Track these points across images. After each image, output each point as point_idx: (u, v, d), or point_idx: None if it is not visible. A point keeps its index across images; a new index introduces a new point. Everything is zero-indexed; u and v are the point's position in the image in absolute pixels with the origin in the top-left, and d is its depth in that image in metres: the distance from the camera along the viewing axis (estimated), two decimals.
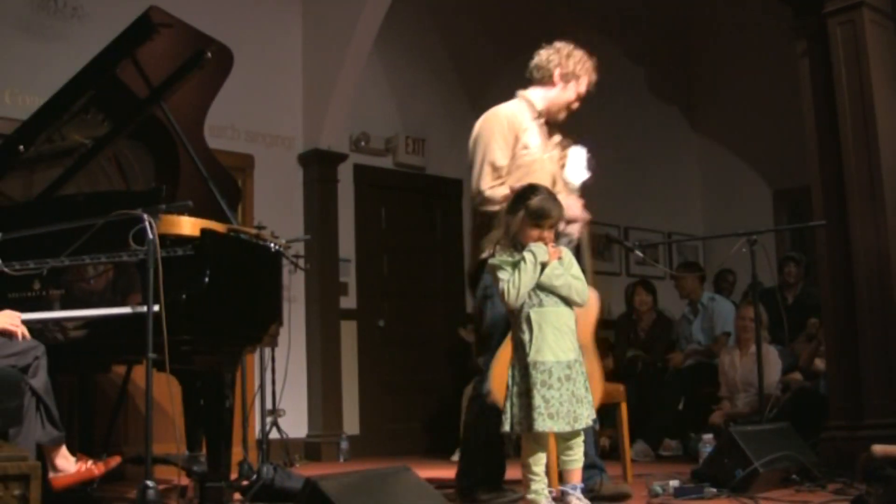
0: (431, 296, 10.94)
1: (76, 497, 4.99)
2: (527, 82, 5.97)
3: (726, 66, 13.03)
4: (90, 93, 5.62)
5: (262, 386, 8.16)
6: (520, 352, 4.78)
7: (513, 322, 4.89)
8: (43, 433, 4.68)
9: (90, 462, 4.97)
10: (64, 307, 5.01)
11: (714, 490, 5.52)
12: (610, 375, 7.07)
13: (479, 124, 5.89)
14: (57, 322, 4.83)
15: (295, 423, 9.37)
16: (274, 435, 8.48)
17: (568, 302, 4.83)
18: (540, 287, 4.77)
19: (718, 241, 11.23)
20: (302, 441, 9.67)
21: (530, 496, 4.78)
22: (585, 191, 5.57)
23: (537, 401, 4.62)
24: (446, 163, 11.12)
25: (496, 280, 4.84)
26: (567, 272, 4.83)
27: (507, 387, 4.80)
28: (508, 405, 4.77)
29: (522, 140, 5.72)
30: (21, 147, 5.52)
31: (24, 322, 4.71)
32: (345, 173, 10.39)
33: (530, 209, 4.80)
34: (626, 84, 12.84)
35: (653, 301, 10.27)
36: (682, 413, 9.32)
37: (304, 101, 10.28)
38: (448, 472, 6.53)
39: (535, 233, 4.80)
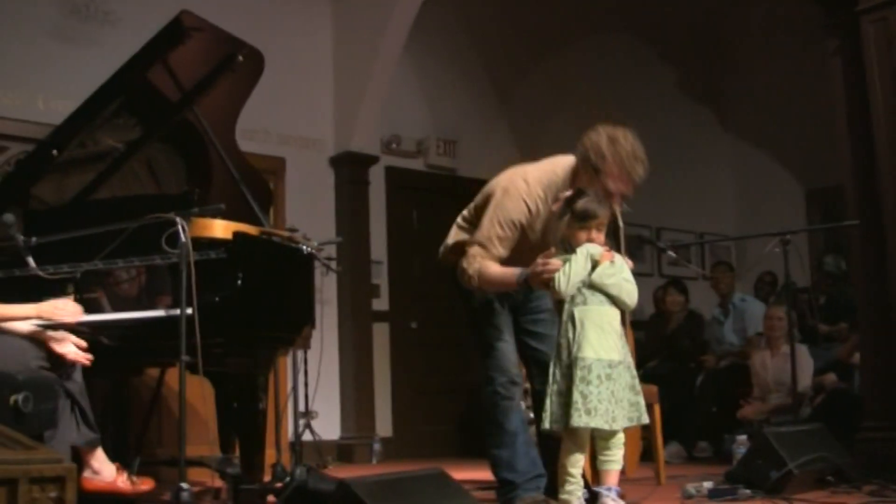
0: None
1: (108, 500, 5.01)
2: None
3: (758, 66, 12.96)
4: (122, 97, 5.65)
5: (294, 388, 8.17)
6: (562, 351, 4.79)
7: (559, 324, 4.90)
8: (78, 435, 4.71)
9: (125, 475, 4.99)
10: (97, 310, 5.03)
11: (748, 492, 5.47)
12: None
13: (505, 186, 5.38)
14: (91, 325, 4.84)
15: (328, 426, 9.38)
16: (307, 437, 8.50)
17: (616, 303, 4.82)
18: (590, 286, 4.78)
19: (751, 241, 11.19)
20: (335, 443, 9.68)
21: (563, 496, 4.77)
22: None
23: (575, 396, 4.62)
24: (478, 164, 11.09)
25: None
26: (619, 274, 4.83)
27: (548, 384, 4.81)
28: (548, 403, 4.77)
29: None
30: (54, 152, 5.56)
31: (58, 325, 4.72)
32: (376, 175, 10.40)
33: (576, 212, 4.80)
34: (658, 84, 12.82)
35: (685, 301, 10.24)
36: (715, 414, 9.29)
37: (335, 104, 10.29)
38: (482, 474, 6.52)
39: (583, 235, 4.79)
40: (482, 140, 11.20)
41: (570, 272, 4.72)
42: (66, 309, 4.67)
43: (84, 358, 4.65)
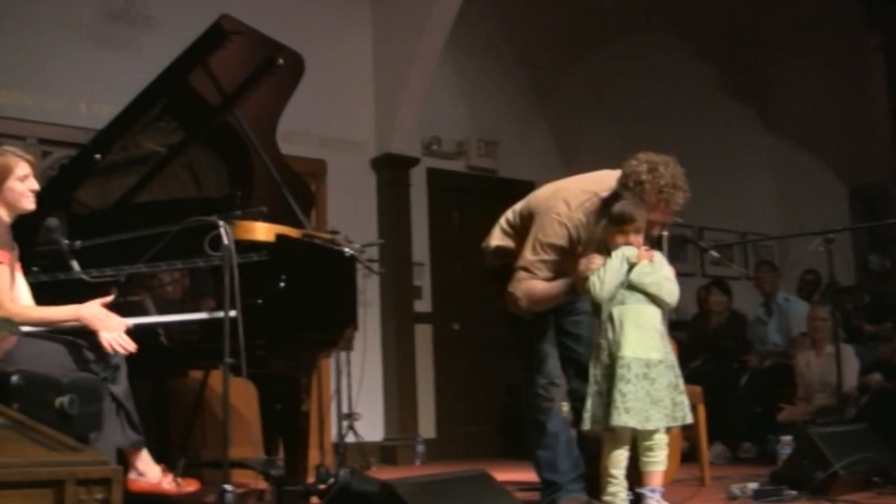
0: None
1: (153, 500, 5.03)
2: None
3: (799, 64, 12.88)
4: (164, 101, 5.68)
5: (338, 390, 8.19)
6: (602, 351, 4.79)
7: (596, 323, 4.92)
8: (123, 437, 4.73)
9: (170, 476, 5.01)
10: (141, 313, 5.05)
11: (793, 493, 5.44)
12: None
13: (546, 208, 5.28)
14: (135, 328, 4.87)
15: (371, 427, 9.39)
16: (350, 439, 8.51)
17: (656, 302, 4.81)
18: (629, 286, 4.79)
19: (794, 240, 11.12)
20: (378, 445, 9.69)
21: (607, 498, 4.76)
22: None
23: (615, 396, 4.63)
24: (518, 165, 11.10)
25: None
26: (658, 272, 4.81)
27: (589, 385, 4.82)
28: (589, 403, 4.79)
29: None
30: (97, 156, 5.59)
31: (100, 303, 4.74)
32: (417, 177, 10.41)
33: (613, 215, 4.81)
34: (698, 84, 12.78)
35: (728, 301, 10.20)
36: (759, 415, 9.24)
37: (375, 106, 10.30)
38: (525, 475, 6.51)
39: (620, 238, 4.80)
40: (522, 140, 11.20)
41: (604, 275, 4.74)
42: (109, 321, 4.68)
43: (125, 346, 4.67)
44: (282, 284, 4.95)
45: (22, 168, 4.75)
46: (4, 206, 4.71)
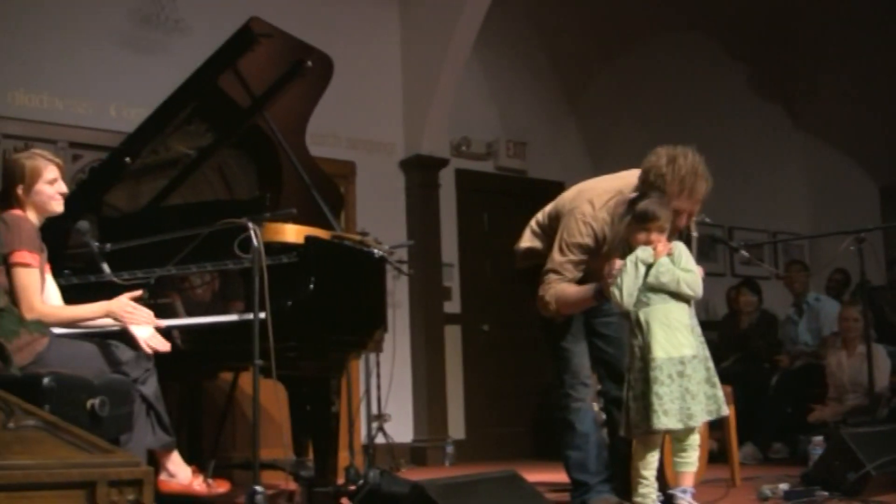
0: (534, 299, 10.86)
1: (183, 502, 5.05)
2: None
3: (829, 62, 12.82)
4: (193, 104, 5.69)
5: (367, 391, 8.21)
6: (634, 356, 4.77)
7: (628, 328, 4.90)
8: (154, 439, 4.75)
9: (201, 478, 5.03)
10: (171, 315, 5.07)
11: (825, 494, 5.40)
12: None
13: (571, 209, 5.32)
14: (165, 330, 4.89)
15: (400, 428, 9.40)
16: (380, 440, 8.53)
17: (680, 297, 4.78)
18: (650, 288, 4.76)
19: (825, 239, 11.06)
20: (408, 446, 9.70)
21: (638, 499, 4.75)
22: None
23: (652, 399, 4.60)
24: (548, 166, 11.09)
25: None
26: (676, 266, 4.78)
27: (625, 391, 4.80)
28: (624, 409, 4.77)
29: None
30: (127, 159, 5.61)
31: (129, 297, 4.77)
32: (446, 178, 10.41)
33: (636, 213, 4.78)
34: (728, 82, 12.74)
35: (758, 301, 10.16)
36: (790, 415, 9.20)
37: (404, 107, 10.31)
38: (555, 476, 6.51)
39: (642, 236, 4.77)
40: (552, 141, 11.19)
41: (622, 285, 4.73)
42: (139, 314, 4.71)
43: (160, 345, 4.70)
44: (311, 286, 4.96)
45: (50, 171, 4.78)
46: (33, 209, 4.74)
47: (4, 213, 4.59)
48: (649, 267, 4.74)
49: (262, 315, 4.60)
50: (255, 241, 4.63)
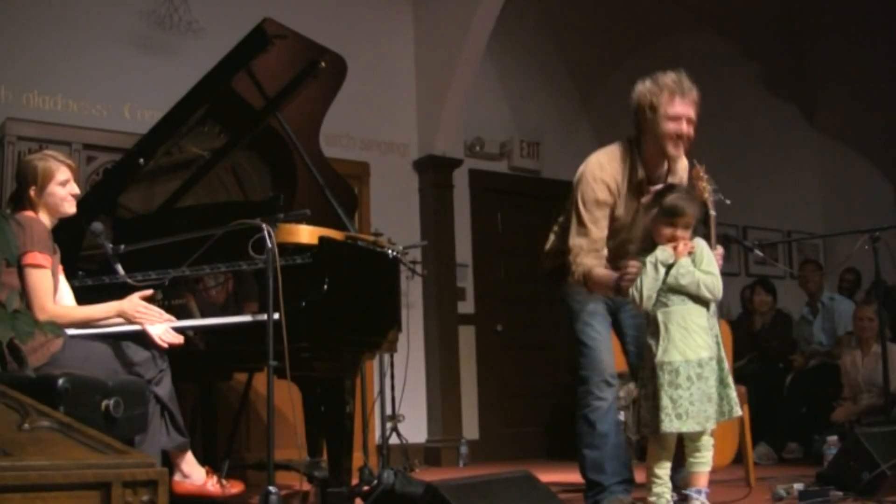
0: (549, 299, 10.87)
1: (197, 502, 5.06)
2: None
3: (844, 61, 12.80)
4: (207, 105, 5.70)
5: (381, 392, 8.20)
6: (648, 354, 4.76)
7: (645, 326, 4.89)
8: (168, 439, 4.76)
9: (215, 478, 5.04)
10: (185, 316, 5.08)
11: (840, 494, 5.38)
12: None
13: (581, 172, 5.59)
14: (179, 331, 4.90)
15: (414, 429, 9.40)
16: (394, 440, 8.52)
17: (699, 299, 4.76)
18: (669, 289, 4.74)
19: (840, 238, 11.03)
20: (422, 446, 9.70)
21: (652, 499, 4.74)
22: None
23: (664, 401, 4.58)
24: (561, 166, 11.06)
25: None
26: (698, 267, 4.76)
27: (637, 390, 4.81)
28: (636, 408, 4.80)
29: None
30: (141, 160, 5.62)
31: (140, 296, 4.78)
32: (460, 179, 10.41)
33: (664, 207, 4.76)
34: (742, 81, 12.72)
35: (772, 301, 10.14)
36: (805, 415, 9.19)
37: (417, 108, 10.32)
38: (569, 476, 6.51)
39: (668, 231, 4.75)
40: (565, 141, 11.18)
41: (641, 287, 4.72)
42: (150, 313, 4.72)
43: (174, 339, 4.71)
44: (325, 287, 4.96)
45: (63, 173, 4.79)
46: (45, 211, 4.76)
47: (17, 215, 4.59)
48: (669, 267, 4.72)
49: (277, 316, 4.60)
50: (268, 242, 4.64)
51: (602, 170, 5.32)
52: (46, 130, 7.58)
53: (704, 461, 4.74)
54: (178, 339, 4.75)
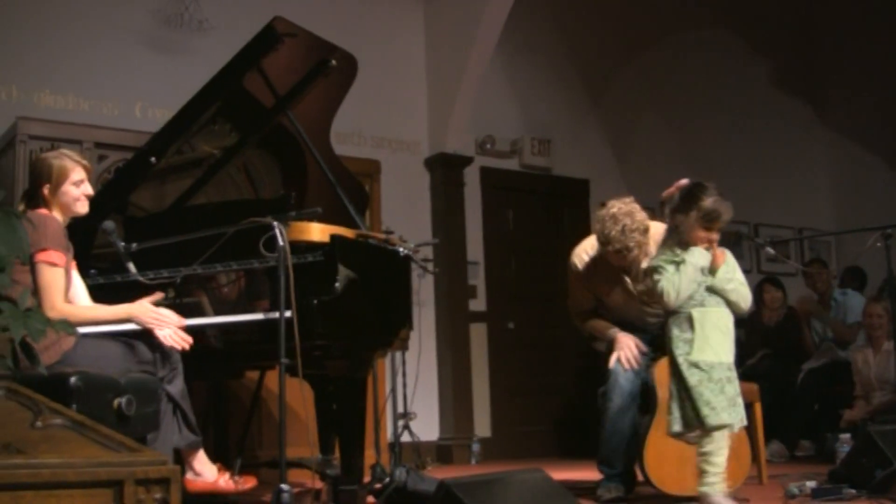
0: (561, 297, 10.85)
1: (211, 500, 5.07)
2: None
3: (855, 58, 12.79)
4: (218, 104, 5.70)
5: (393, 389, 8.21)
6: (680, 351, 4.73)
7: (669, 321, 4.87)
8: (180, 438, 4.76)
9: (227, 475, 5.04)
10: (197, 315, 5.08)
11: (852, 491, 5.36)
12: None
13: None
14: (191, 329, 4.90)
15: (426, 426, 9.40)
16: (406, 438, 8.53)
17: (731, 306, 4.76)
18: (708, 289, 4.74)
19: (851, 235, 11.01)
20: (433, 444, 9.71)
21: (705, 489, 4.72)
22: None
23: (706, 397, 4.59)
24: (572, 163, 11.09)
25: (654, 280, 4.84)
26: (735, 279, 4.77)
27: (670, 388, 4.78)
28: (676, 406, 4.73)
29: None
30: (152, 159, 5.62)
31: (149, 300, 4.78)
32: (471, 176, 10.41)
33: (704, 210, 4.72)
34: (752, 78, 12.71)
35: (783, 298, 10.11)
36: (817, 412, 9.18)
37: (428, 106, 10.33)
38: (581, 474, 6.51)
39: (703, 234, 4.74)
40: (576, 138, 11.18)
41: (679, 285, 4.70)
42: (162, 318, 4.71)
43: (182, 341, 4.71)
44: (337, 285, 4.96)
45: (77, 173, 4.79)
46: (58, 209, 4.76)
47: (30, 213, 4.59)
48: (712, 271, 4.74)
49: (288, 314, 4.60)
50: (280, 240, 4.64)
51: (576, 254, 6.20)
52: (57, 129, 7.58)
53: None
54: (185, 342, 4.74)
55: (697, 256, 4.73)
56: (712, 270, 4.75)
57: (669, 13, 11.94)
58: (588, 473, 5.83)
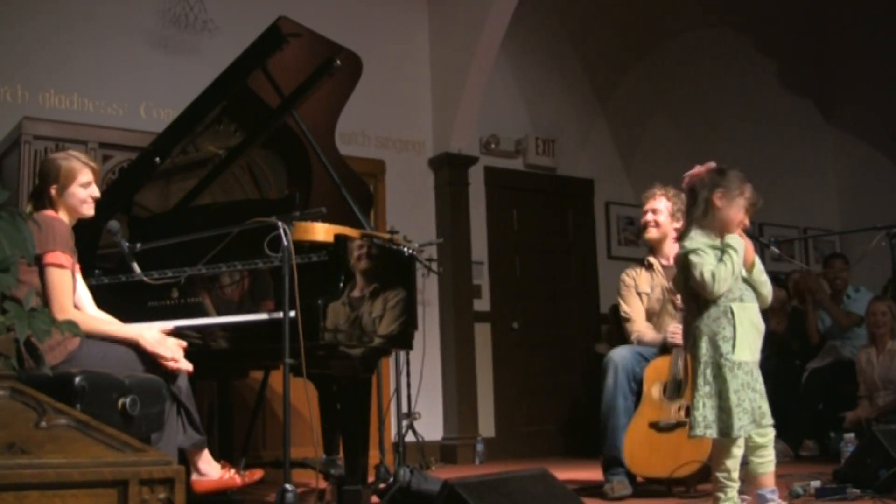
0: (565, 296, 10.89)
1: (217, 500, 5.07)
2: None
3: (861, 57, 12.78)
4: (222, 104, 5.70)
5: (397, 389, 8.20)
6: (715, 349, 4.49)
7: (702, 316, 4.55)
8: (185, 437, 4.77)
9: (233, 471, 5.05)
10: (201, 315, 5.09)
11: (857, 491, 5.37)
12: None
13: None
14: (196, 329, 4.90)
15: (430, 426, 9.40)
16: (410, 438, 8.52)
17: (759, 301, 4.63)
18: (744, 282, 4.55)
19: (856, 235, 10.98)
20: (438, 444, 9.71)
21: (719, 493, 4.52)
22: None
23: (745, 404, 4.43)
24: (577, 163, 11.08)
25: (691, 264, 4.49)
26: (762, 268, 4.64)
27: (696, 387, 4.50)
28: (700, 406, 4.46)
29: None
30: (157, 159, 5.63)
31: (161, 330, 4.78)
32: (475, 176, 10.40)
33: (750, 195, 4.61)
34: (759, 78, 12.71)
35: (787, 297, 10.10)
36: (821, 412, 9.17)
37: (433, 106, 10.32)
38: (586, 474, 6.50)
39: (742, 221, 4.60)
40: (581, 138, 11.18)
41: (726, 273, 4.44)
42: (165, 346, 4.68)
43: (184, 367, 4.70)
44: (341, 285, 4.96)
45: (86, 175, 4.80)
46: (65, 211, 4.76)
47: (37, 214, 4.59)
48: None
49: (293, 314, 4.61)
50: (284, 240, 4.64)
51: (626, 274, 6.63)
52: (62, 129, 7.58)
53: (770, 459, 4.59)
54: (187, 368, 4.72)
55: (739, 243, 4.53)
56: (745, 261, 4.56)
57: (676, 13, 11.93)
58: (593, 473, 5.83)
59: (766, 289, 4.66)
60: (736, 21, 12.51)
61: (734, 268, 4.46)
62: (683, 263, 4.59)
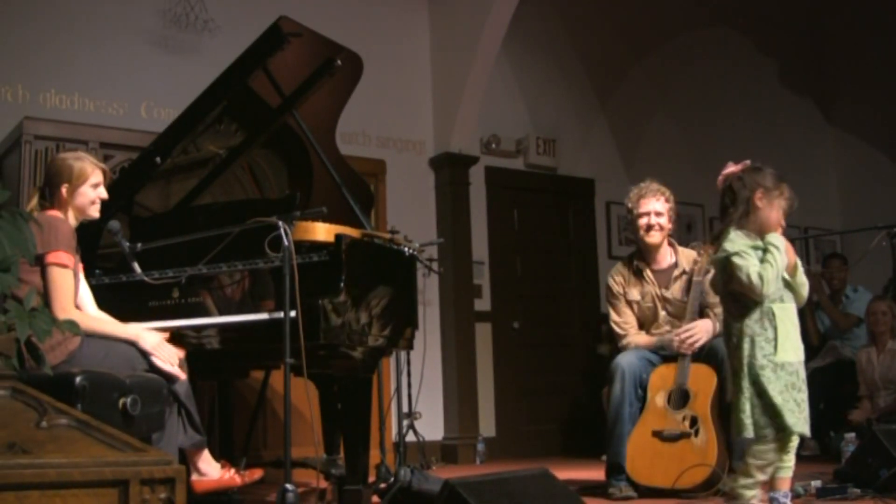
0: (566, 296, 10.89)
1: (217, 500, 5.07)
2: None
3: (861, 57, 12.77)
4: (223, 104, 5.70)
5: (398, 389, 8.20)
6: (757, 350, 4.42)
7: (744, 318, 4.49)
8: (185, 437, 4.78)
9: (233, 470, 5.05)
10: (202, 314, 5.09)
11: (857, 490, 5.38)
12: None
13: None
14: (196, 329, 4.90)
15: (431, 426, 9.40)
16: (410, 438, 8.52)
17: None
18: (785, 283, 4.50)
19: (857, 234, 10.98)
20: (438, 443, 9.71)
21: (741, 490, 4.52)
22: None
23: (790, 404, 4.39)
24: (578, 163, 11.08)
25: (735, 266, 4.42)
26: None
27: (740, 389, 4.44)
28: (748, 407, 4.42)
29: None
30: (158, 159, 5.62)
31: (163, 329, 4.79)
32: (476, 176, 10.39)
33: (788, 196, 4.57)
34: (759, 78, 12.71)
35: None
36: (822, 412, 9.16)
37: (433, 105, 10.32)
38: (586, 474, 6.50)
39: (780, 220, 4.56)
40: (582, 138, 11.17)
41: (771, 273, 4.37)
42: (163, 350, 4.69)
43: (177, 374, 4.70)
44: (342, 284, 4.96)
45: (96, 176, 4.82)
46: (73, 211, 4.77)
47: (39, 214, 4.60)
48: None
49: (293, 314, 4.61)
50: (285, 240, 4.65)
51: (611, 274, 6.63)
52: (63, 129, 7.58)
53: (791, 464, 4.56)
54: (181, 376, 4.73)
55: (781, 242, 4.48)
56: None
57: (677, 14, 11.93)
58: (594, 473, 5.83)
59: (806, 289, 4.61)
60: (736, 21, 12.50)
61: (779, 267, 4.42)
62: (724, 266, 4.54)
